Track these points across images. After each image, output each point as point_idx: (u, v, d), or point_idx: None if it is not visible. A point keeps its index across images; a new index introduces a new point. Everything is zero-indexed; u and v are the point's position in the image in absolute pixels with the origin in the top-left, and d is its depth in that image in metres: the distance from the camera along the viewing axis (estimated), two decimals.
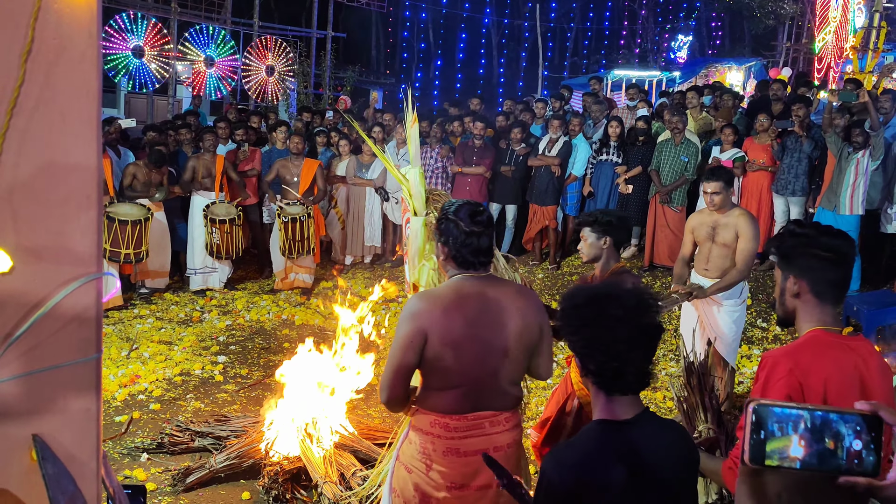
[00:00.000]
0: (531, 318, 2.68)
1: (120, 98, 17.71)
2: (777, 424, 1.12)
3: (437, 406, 2.67)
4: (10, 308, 1.00)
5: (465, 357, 2.59)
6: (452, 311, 2.60)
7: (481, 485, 2.66)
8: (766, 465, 1.12)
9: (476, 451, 2.61)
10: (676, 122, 8.25)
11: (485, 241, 2.65)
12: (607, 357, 1.77)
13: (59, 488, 1.04)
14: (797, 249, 2.19)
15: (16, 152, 0.98)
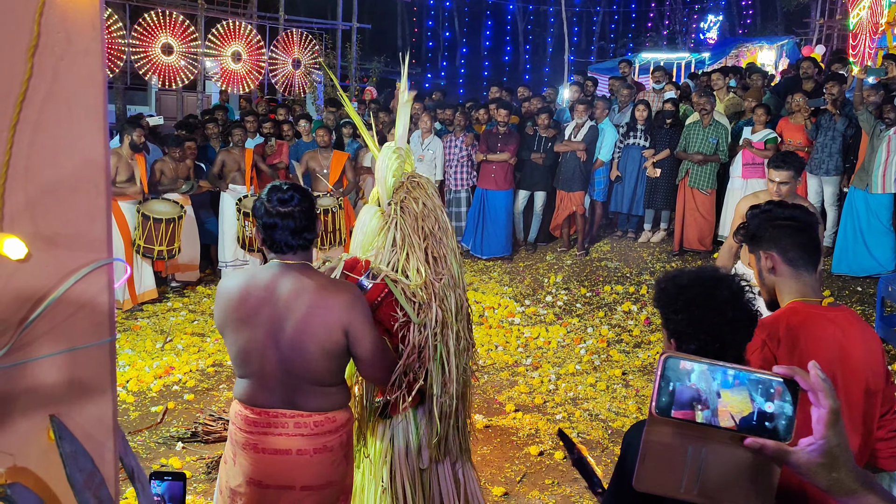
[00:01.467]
0: (327, 318, 2.47)
1: (151, 95, 17.98)
2: (689, 378, 1.11)
3: (240, 395, 2.59)
4: (26, 293, 1.04)
5: (248, 346, 2.50)
6: (232, 295, 2.52)
7: (281, 485, 2.54)
8: (673, 417, 1.10)
9: (275, 450, 2.52)
10: (704, 103, 8.15)
11: (289, 224, 2.48)
12: (712, 338, 1.79)
13: (76, 466, 1.08)
14: (761, 226, 2.30)
15: (28, 144, 1.02)
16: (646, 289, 7.86)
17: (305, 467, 2.54)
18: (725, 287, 1.83)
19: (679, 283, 1.88)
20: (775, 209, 2.34)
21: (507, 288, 8.30)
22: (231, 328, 2.53)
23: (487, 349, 6.82)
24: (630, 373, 6.26)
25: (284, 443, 2.53)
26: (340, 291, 2.53)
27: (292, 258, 2.55)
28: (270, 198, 2.50)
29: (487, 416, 5.49)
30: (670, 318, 1.86)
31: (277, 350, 2.49)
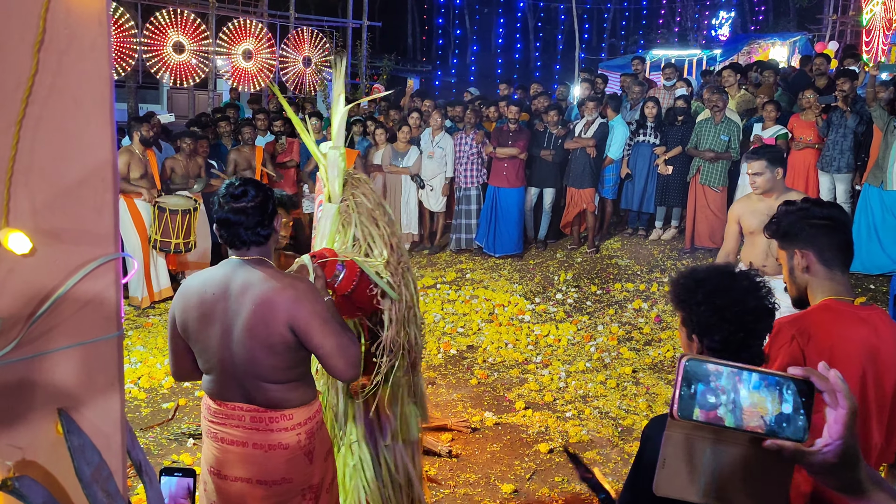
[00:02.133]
0: (270, 314, 2.44)
1: (162, 94, 18.07)
2: (708, 381, 1.11)
3: (205, 388, 2.64)
4: (33, 288, 1.05)
5: (206, 343, 2.53)
6: (191, 293, 2.55)
7: (237, 476, 2.57)
8: (694, 419, 1.11)
9: (233, 441, 2.56)
10: (717, 100, 8.09)
11: (240, 219, 2.47)
12: (736, 327, 1.80)
13: (84, 459, 1.09)
14: (797, 224, 2.27)
15: (31, 139, 1.03)
16: (656, 286, 7.83)
17: (260, 462, 2.56)
18: (743, 278, 1.85)
19: (696, 276, 1.89)
20: (812, 207, 2.29)
21: (518, 285, 8.29)
22: (191, 326, 2.54)
23: (497, 346, 6.81)
24: (640, 370, 6.24)
25: (241, 435, 2.56)
26: (286, 287, 2.48)
27: (247, 254, 2.54)
28: (224, 193, 2.51)
29: (497, 413, 5.49)
30: (693, 310, 1.86)
31: (231, 347, 2.50)
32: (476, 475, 4.58)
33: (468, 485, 4.47)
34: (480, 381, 6.14)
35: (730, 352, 1.83)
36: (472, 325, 7.32)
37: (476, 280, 8.53)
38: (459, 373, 6.32)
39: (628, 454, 4.86)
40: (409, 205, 9.38)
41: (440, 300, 7.99)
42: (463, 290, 8.21)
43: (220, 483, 2.60)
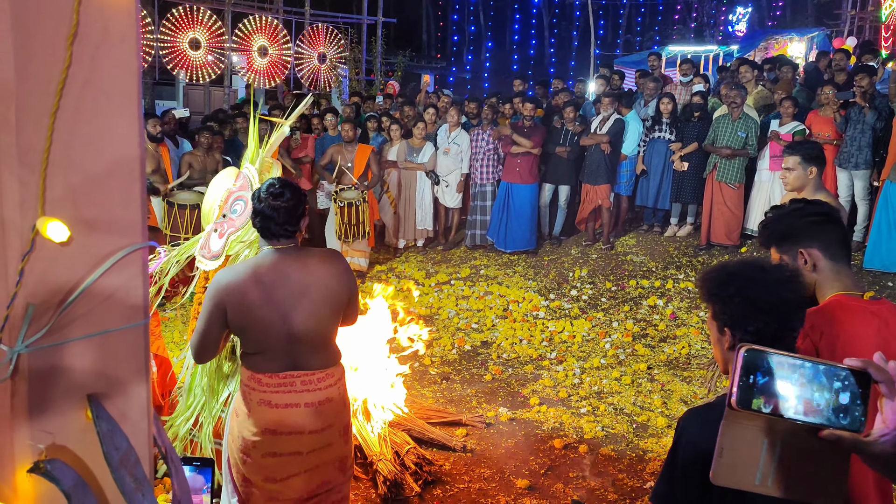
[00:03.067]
0: (336, 281, 2.97)
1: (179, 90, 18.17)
2: (766, 371, 1.13)
3: (252, 365, 2.97)
4: (63, 276, 1.07)
5: (266, 325, 2.86)
6: (247, 285, 2.85)
7: (290, 430, 2.96)
8: (753, 409, 1.12)
9: (286, 404, 2.95)
10: (734, 96, 8.04)
11: (282, 214, 2.87)
12: (771, 318, 1.79)
13: (112, 445, 1.11)
14: (796, 224, 2.27)
15: (68, 131, 1.05)
16: (672, 283, 7.81)
17: (312, 416, 2.98)
18: (775, 270, 1.85)
19: (728, 270, 1.88)
20: (806, 206, 2.31)
21: (532, 282, 8.29)
22: (249, 313, 2.85)
23: (512, 343, 6.82)
24: (655, 367, 6.23)
25: (293, 398, 2.96)
26: (339, 261, 3.06)
27: (277, 244, 2.94)
28: (265, 190, 2.90)
29: (512, 409, 5.50)
30: (725, 303, 1.85)
31: (286, 324, 2.89)
32: (490, 470, 4.59)
33: (482, 480, 4.49)
34: (495, 376, 6.15)
35: (763, 344, 1.82)
36: (487, 322, 7.33)
37: (490, 276, 8.54)
38: (474, 368, 6.34)
39: (643, 450, 4.86)
40: (424, 201, 9.39)
41: (454, 296, 8.00)
42: (477, 287, 8.22)
43: (273, 439, 2.96)
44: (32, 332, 1.05)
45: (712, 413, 1.93)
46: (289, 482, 3.02)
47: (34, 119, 1.00)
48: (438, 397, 5.70)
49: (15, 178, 0.99)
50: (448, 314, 7.52)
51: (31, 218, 1.01)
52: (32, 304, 1.05)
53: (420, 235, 9.60)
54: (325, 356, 3.04)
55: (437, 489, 4.34)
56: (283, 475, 3.01)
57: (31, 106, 0.99)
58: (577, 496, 4.30)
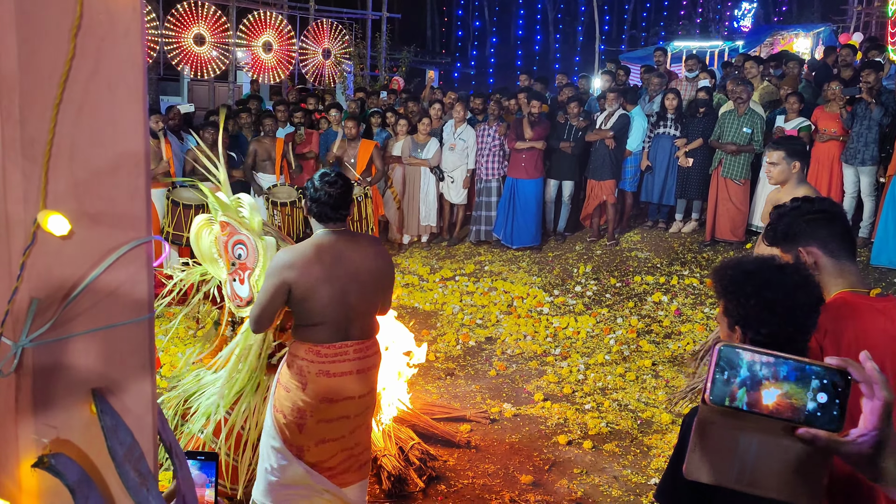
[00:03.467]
0: (381, 262, 3.40)
1: (183, 86, 18.17)
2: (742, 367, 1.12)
3: (309, 338, 3.30)
4: (67, 270, 1.07)
5: (326, 299, 3.22)
6: (311, 262, 3.22)
7: (346, 397, 3.32)
8: (727, 405, 1.11)
9: (342, 373, 3.30)
10: (740, 91, 8.00)
11: (336, 199, 3.28)
12: (785, 322, 1.78)
13: (117, 440, 1.11)
14: (794, 223, 2.27)
15: (72, 124, 1.04)
16: (676, 279, 7.79)
17: (361, 381, 3.36)
18: (794, 272, 1.82)
19: (745, 268, 1.86)
20: (804, 204, 2.31)
21: (536, 278, 8.27)
22: (312, 289, 3.21)
23: (516, 339, 6.81)
24: (660, 363, 6.22)
25: (348, 367, 3.32)
26: (382, 247, 3.55)
27: (331, 227, 3.33)
28: (320, 178, 3.32)
29: (516, 405, 5.49)
30: (740, 302, 1.83)
31: (344, 297, 3.26)
32: (495, 466, 4.59)
33: (487, 475, 4.48)
34: (499, 372, 6.15)
35: (776, 346, 1.80)
36: (491, 317, 7.33)
37: (495, 272, 8.53)
38: (478, 364, 6.33)
39: (647, 447, 4.85)
40: (429, 196, 9.38)
41: (459, 292, 8.00)
42: (482, 282, 8.22)
43: (328, 405, 3.30)
44: (36, 326, 1.05)
45: None
46: (337, 442, 3.39)
47: (38, 111, 0.99)
48: (443, 393, 5.70)
49: (18, 171, 0.98)
50: (452, 310, 7.51)
51: (34, 212, 1.01)
52: (36, 298, 1.04)
53: (424, 231, 9.58)
54: (372, 327, 3.45)
55: (441, 485, 4.34)
56: (333, 436, 3.38)
57: (34, 98, 0.98)
58: (582, 493, 4.30)
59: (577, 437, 4.97)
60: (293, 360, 3.34)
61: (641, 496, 4.25)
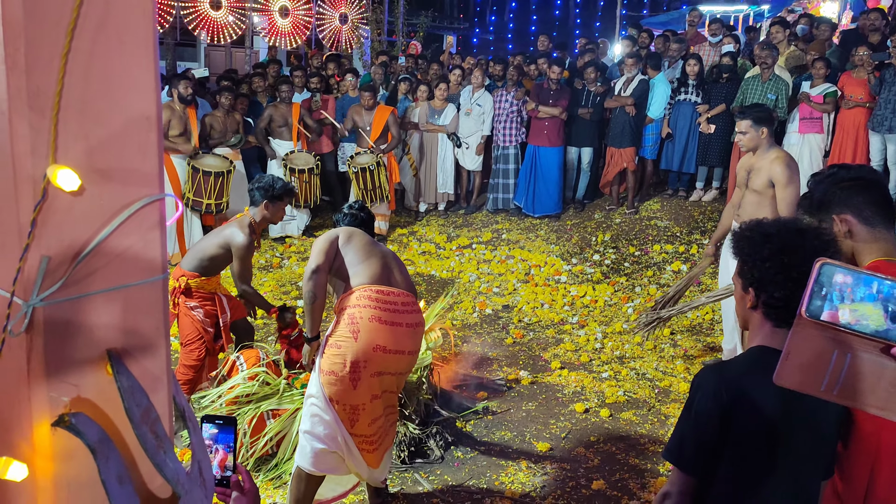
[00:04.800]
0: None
1: (200, 51, 18.07)
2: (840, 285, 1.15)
3: (362, 278, 3.38)
4: (78, 228, 1.03)
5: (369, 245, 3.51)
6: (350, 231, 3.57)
7: (397, 349, 3.33)
8: (822, 320, 1.16)
9: (393, 322, 3.32)
10: (766, 56, 7.80)
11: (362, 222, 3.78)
12: (799, 286, 1.74)
13: (133, 400, 1.09)
14: (828, 191, 2.22)
15: (81, 75, 1.00)
16: (696, 248, 7.70)
17: (411, 336, 3.41)
18: (813, 237, 1.79)
19: (765, 231, 1.83)
20: (839, 171, 2.26)
21: (554, 246, 8.21)
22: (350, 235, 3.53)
23: (533, 307, 6.78)
24: (678, 333, 6.17)
25: (399, 318, 3.35)
26: None
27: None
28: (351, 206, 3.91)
29: (533, 372, 5.48)
30: (756, 265, 1.82)
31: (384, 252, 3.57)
32: (511, 433, 4.59)
33: (503, 442, 4.49)
34: (516, 340, 6.13)
35: (789, 310, 1.78)
36: (508, 286, 7.30)
37: (512, 240, 8.48)
38: (495, 332, 6.32)
39: (665, 415, 4.83)
40: (446, 163, 9.30)
41: (476, 260, 7.96)
42: (499, 251, 8.17)
43: (383, 357, 3.30)
44: (47, 285, 1.02)
45: (728, 370, 1.93)
46: (384, 398, 3.42)
47: (44, 60, 0.95)
48: (459, 360, 5.69)
49: (25, 123, 0.95)
50: (469, 278, 7.49)
51: (43, 166, 0.97)
52: (47, 256, 1.01)
53: (441, 199, 9.52)
54: (411, 284, 3.56)
55: (458, 451, 4.35)
56: (382, 390, 3.40)
57: (40, 46, 0.94)
58: (599, 460, 4.29)
59: (595, 406, 4.95)
60: (343, 312, 3.34)
61: (659, 465, 4.23)
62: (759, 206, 4.67)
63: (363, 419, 3.32)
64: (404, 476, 4.08)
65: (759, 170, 4.73)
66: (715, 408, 1.80)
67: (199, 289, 4.42)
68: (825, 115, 7.76)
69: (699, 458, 1.84)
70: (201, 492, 1.25)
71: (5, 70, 0.93)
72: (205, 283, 4.43)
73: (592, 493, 3.95)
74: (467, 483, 4.04)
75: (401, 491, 3.95)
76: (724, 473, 1.83)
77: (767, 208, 4.64)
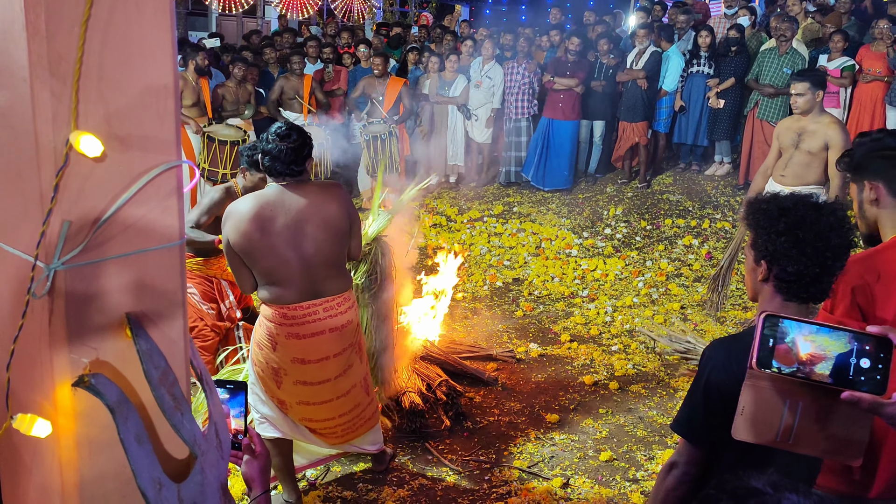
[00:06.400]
0: (334, 207, 3.13)
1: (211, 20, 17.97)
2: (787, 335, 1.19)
3: (274, 299, 3.13)
4: (98, 193, 1.05)
5: (270, 255, 3.04)
6: (244, 219, 3.02)
7: (319, 358, 3.20)
8: (773, 370, 1.19)
9: (312, 333, 3.15)
10: (785, 29, 7.68)
11: (287, 154, 3.04)
12: (814, 262, 1.76)
13: (152, 363, 1.12)
14: (868, 155, 2.20)
15: (100, 42, 1.01)
16: (708, 223, 7.67)
17: (336, 340, 3.23)
18: (829, 213, 1.78)
19: (782, 204, 1.82)
20: (886, 138, 2.24)
21: (566, 219, 8.20)
22: (252, 245, 3.03)
23: (543, 280, 6.80)
24: (689, 307, 6.18)
25: (319, 327, 3.16)
26: (335, 188, 3.25)
27: (289, 181, 3.11)
28: (274, 132, 3.10)
29: (542, 345, 5.51)
30: (770, 238, 1.81)
31: (297, 251, 3.07)
32: (520, 404, 4.64)
33: (512, 413, 4.53)
34: (526, 313, 6.16)
35: (800, 285, 1.78)
36: (519, 259, 7.31)
37: (523, 213, 8.47)
38: (505, 304, 6.35)
39: (674, 388, 4.86)
40: (456, 136, 9.26)
41: (486, 233, 7.97)
42: (510, 224, 8.17)
43: (303, 366, 3.20)
44: (68, 249, 1.05)
45: (738, 344, 1.93)
46: (322, 407, 3.30)
47: (65, 27, 0.96)
48: (469, 332, 5.73)
49: (47, 90, 0.96)
50: (480, 251, 7.50)
51: (65, 132, 0.99)
52: (68, 221, 1.03)
53: (452, 171, 9.50)
54: (340, 281, 3.25)
55: (467, 421, 4.40)
56: (317, 400, 3.29)
57: (61, 13, 0.95)
58: (607, 432, 4.33)
59: (604, 378, 4.99)
60: (264, 321, 3.21)
61: (667, 437, 4.27)
62: (809, 168, 4.97)
63: (294, 413, 3.32)
64: (413, 445, 4.13)
65: (813, 132, 4.95)
66: (726, 382, 1.81)
67: (197, 270, 4.41)
68: (842, 90, 7.67)
69: (708, 431, 1.85)
70: (217, 453, 1.29)
71: (26, 37, 0.94)
72: (202, 264, 4.43)
73: (600, 464, 4.00)
74: (476, 453, 4.09)
75: (410, 460, 4.01)
76: (733, 445, 1.85)
77: (817, 170, 4.96)
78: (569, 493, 3.75)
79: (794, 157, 5.01)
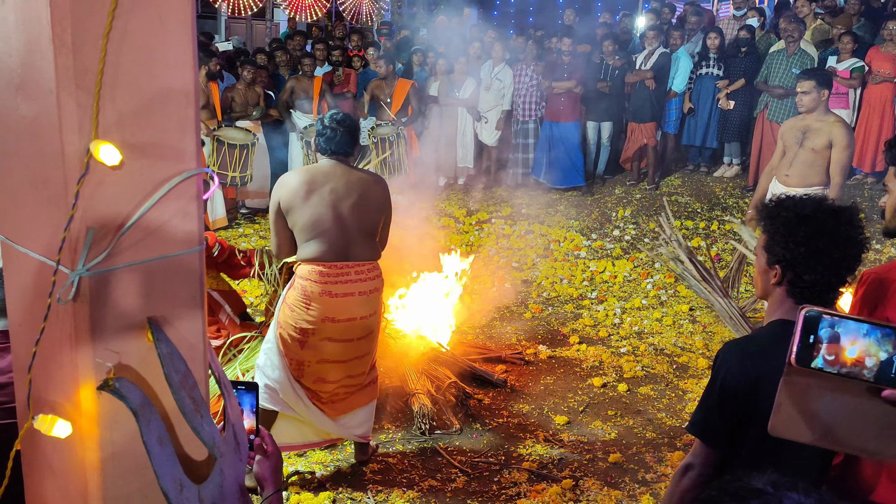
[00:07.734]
0: (378, 189, 3.59)
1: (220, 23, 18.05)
2: (826, 331, 1.16)
3: (313, 256, 3.44)
4: (121, 201, 1.08)
5: (314, 209, 3.41)
6: (297, 179, 3.46)
7: (348, 318, 3.49)
8: (811, 367, 1.17)
9: (344, 294, 3.47)
10: (793, 30, 7.67)
11: (340, 134, 3.50)
12: (830, 272, 1.77)
13: (173, 366, 1.14)
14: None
15: (116, 51, 1.04)
16: (717, 225, 7.67)
17: (363, 304, 3.54)
18: (846, 221, 1.78)
19: (801, 212, 1.81)
20: None
21: (574, 221, 8.21)
22: (299, 199, 3.42)
23: (552, 282, 6.81)
24: (698, 309, 6.18)
25: (350, 288, 3.49)
26: (381, 179, 3.69)
27: (340, 160, 3.55)
28: (331, 116, 3.55)
29: (551, 347, 5.52)
30: (788, 246, 1.80)
31: (337, 211, 3.44)
32: (529, 406, 4.65)
33: (521, 415, 4.54)
34: (534, 314, 6.17)
35: (815, 293, 1.79)
36: (528, 261, 7.32)
37: (532, 215, 8.48)
38: (513, 306, 6.36)
39: (682, 391, 4.86)
40: (465, 137, 9.27)
41: (495, 235, 7.98)
42: (518, 225, 8.18)
43: (332, 325, 3.48)
44: (93, 256, 1.07)
45: (752, 344, 1.94)
46: (338, 366, 3.58)
47: (91, 41, 0.99)
48: (478, 334, 5.75)
49: (73, 101, 0.99)
50: (488, 252, 7.52)
51: (89, 142, 1.02)
52: (93, 228, 1.06)
53: (461, 173, 9.52)
54: (371, 250, 3.59)
55: (476, 423, 4.41)
56: (336, 358, 3.56)
57: (87, 27, 0.98)
58: (616, 434, 4.34)
59: (612, 380, 4.99)
60: (298, 282, 3.50)
61: (676, 439, 4.27)
62: (812, 167, 4.96)
63: (308, 375, 3.56)
64: (423, 447, 4.15)
65: (817, 130, 4.94)
66: (741, 383, 1.81)
67: None
68: (851, 91, 7.65)
69: (724, 432, 1.86)
70: (236, 455, 1.31)
71: (53, 50, 0.97)
72: None
73: (609, 466, 4.01)
74: (485, 455, 4.11)
75: (419, 461, 4.03)
76: (748, 446, 1.84)
77: (820, 168, 4.95)
78: (578, 494, 3.76)
79: (798, 156, 4.99)
